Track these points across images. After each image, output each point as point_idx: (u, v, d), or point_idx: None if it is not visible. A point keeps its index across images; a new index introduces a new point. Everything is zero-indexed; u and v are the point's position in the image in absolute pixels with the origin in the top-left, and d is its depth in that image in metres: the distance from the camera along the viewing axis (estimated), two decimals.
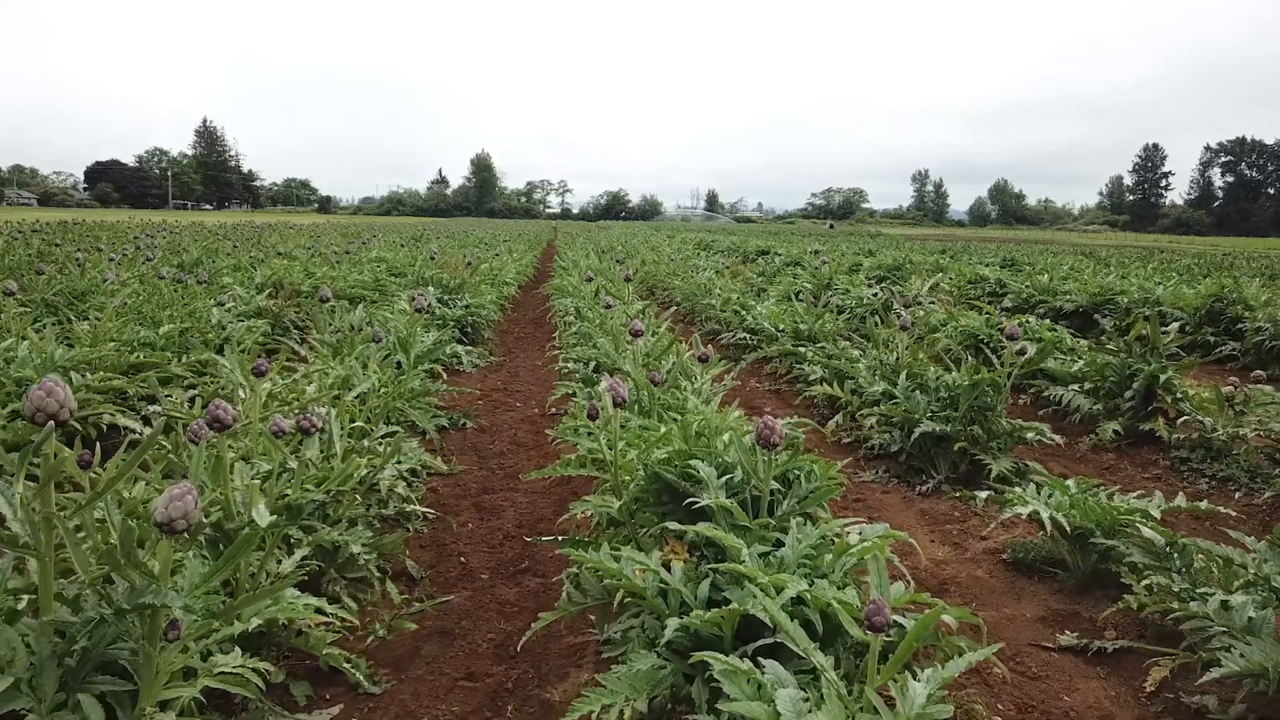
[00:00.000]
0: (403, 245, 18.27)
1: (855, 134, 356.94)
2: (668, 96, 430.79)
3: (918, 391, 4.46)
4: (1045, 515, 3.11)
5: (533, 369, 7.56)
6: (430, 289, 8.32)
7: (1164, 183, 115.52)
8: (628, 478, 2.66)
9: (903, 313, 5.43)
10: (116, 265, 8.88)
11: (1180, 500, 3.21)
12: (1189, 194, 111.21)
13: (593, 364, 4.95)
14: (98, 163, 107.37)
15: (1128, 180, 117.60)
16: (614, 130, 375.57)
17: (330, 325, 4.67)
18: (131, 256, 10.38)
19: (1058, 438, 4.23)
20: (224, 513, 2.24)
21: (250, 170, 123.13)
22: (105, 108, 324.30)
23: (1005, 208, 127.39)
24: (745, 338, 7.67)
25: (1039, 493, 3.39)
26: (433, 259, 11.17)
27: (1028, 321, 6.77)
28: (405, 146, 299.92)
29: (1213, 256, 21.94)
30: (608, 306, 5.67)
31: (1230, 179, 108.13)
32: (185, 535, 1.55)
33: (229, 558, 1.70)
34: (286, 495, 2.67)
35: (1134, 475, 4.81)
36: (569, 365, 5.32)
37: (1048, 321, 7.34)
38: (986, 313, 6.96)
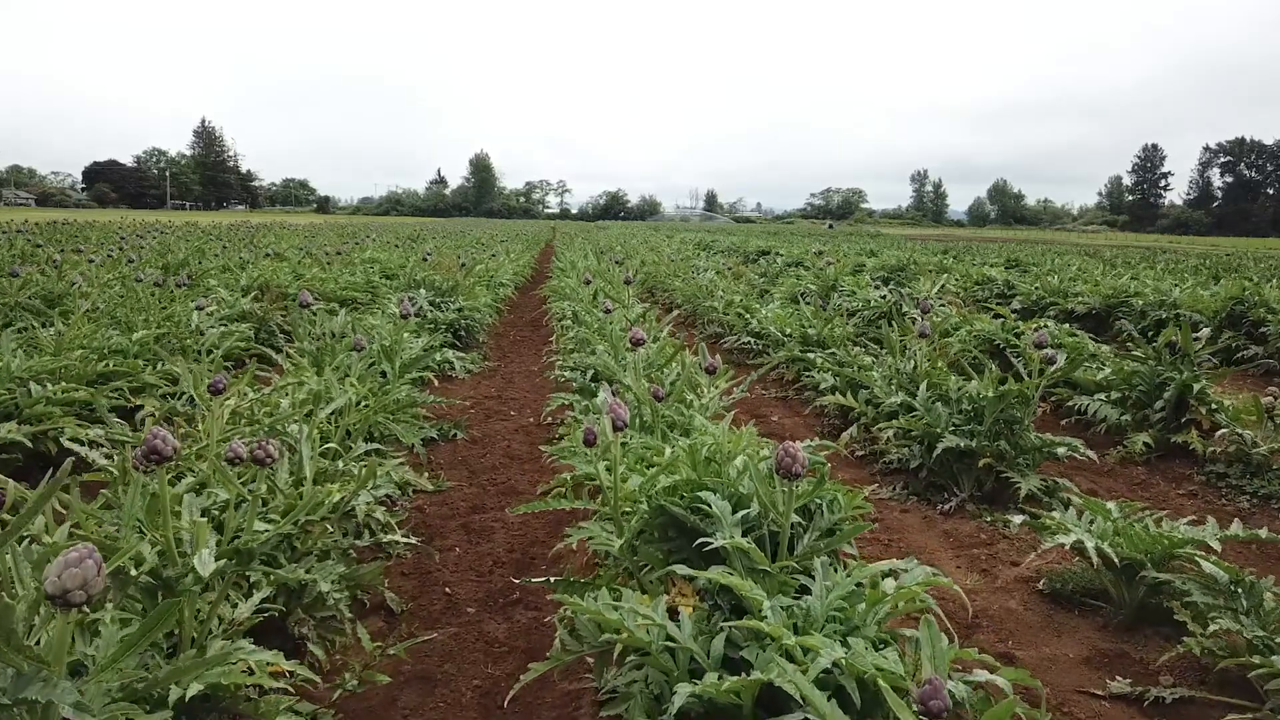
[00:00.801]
0: (397, 246, 17.97)
1: (855, 134, 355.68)
2: (668, 96, 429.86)
3: (939, 403, 4.16)
4: (1090, 545, 2.82)
5: (528, 374, 7.27)
6: (422, 291, 8.02)
7: (1163, 183, 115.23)
8: (629, 509, 2.36)
9: (919, 318, 5.13)
10: (97, 267, 8.57)
11: (1237, 528, 2.91)
12: (1188, 194, 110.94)
13: (591, 372, 4.65)
14: (96, 163, 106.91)
15: (1127, 180, 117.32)
16: (614, 130, 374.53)
17: (310, 332, 4.37)
18: (115, 258, 10.08)
19: (1092, 454, 3.94)
20: (163, 556, 1.94)
21: (249, 170, 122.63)
22: (105, 108, 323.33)
23: (1004, 208, 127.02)
24: (750, 342, 7.38)
25: (1079, 518, 3.09)
26: (426, 260, 10.87)
27: (1046, 325, 6.47)
28: (405, 146, 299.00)
29: (1219, 257, 21.65)
30: (607, 311, 5.38)
31: (1229, 179, 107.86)
32: (84, 610, 1.25)
33: (144, 631, 1.40)
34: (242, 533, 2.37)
35: (1167, 492, 4.52)
36: (565, 374, 5.02)
37: (1067, 326, 7.04)
38: (1001, 316, 6.67)
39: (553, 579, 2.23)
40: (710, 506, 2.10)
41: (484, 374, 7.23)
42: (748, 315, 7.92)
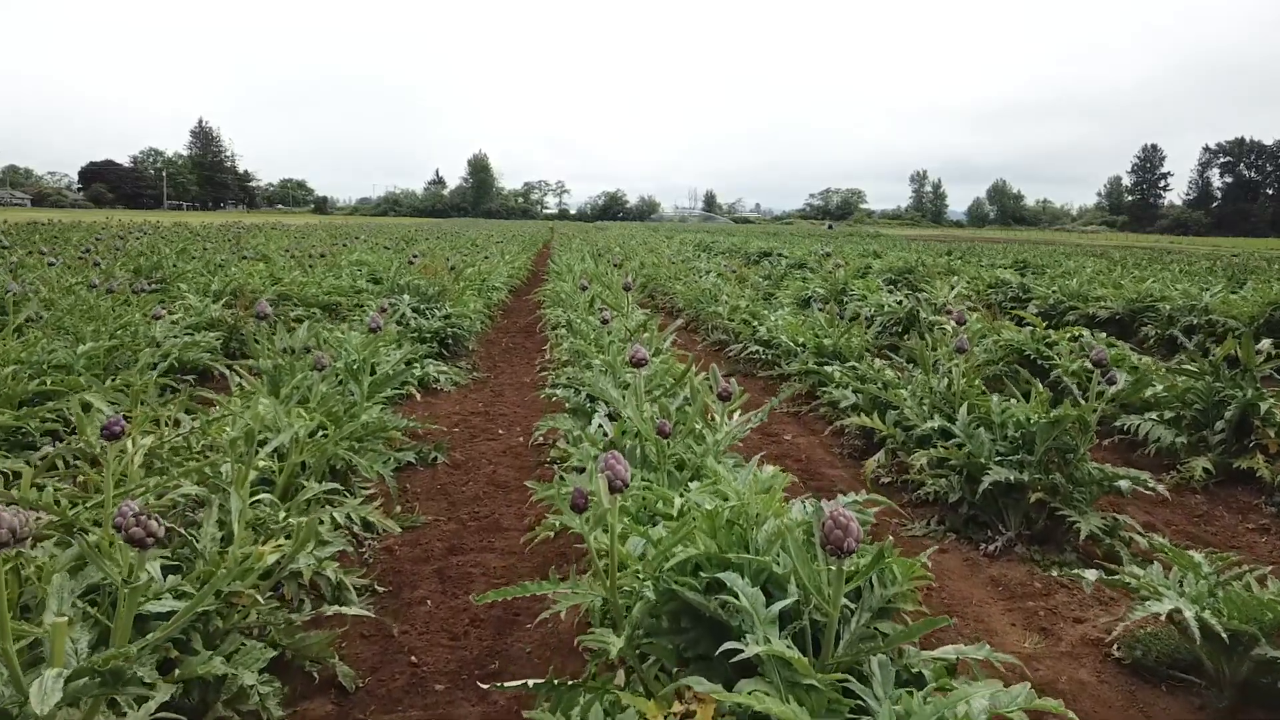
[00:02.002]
0: (388, 247, 17.46)
1: (855, 134, 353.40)
2: (668, 96, 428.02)
3: (981, 429, 3.66)
4: (1190, 615, 2.32)
5: (520, 386, 6.76)
6: (405, 297, 7.51)
7: (1163, 183, 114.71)
8: (629, 588, 1.86)
9: (952, 329, 4.63)
10: (59, 270, 8.05)
11: None
12: (1187, 194, 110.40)
13: (585, 392, 4.15)
14: (92, 163, 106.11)
15: (1126, 181, 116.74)
16: (613, 130, 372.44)
17: (268, 348, 3.87)
18: (86, 260, 9.56)
19: (1162, 488, 3.43)
20: (5, 676, 1.44)
21: (246, 171, 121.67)
22: (103, 108, 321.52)
23: (1004, 208, 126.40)
24: (758, 351, 6.87)
25: (1166, 575, 2.60)
26: (412, 263, 10.35)
27: (1081, 334, 5.97)
28: (404, 147, 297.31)
29: (1229, 258, 21.15)
30: (604, 321, 4.87)
31: (1229, 180, 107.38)
32: None
33: None
34: (152, 605, 1.88)
35: (1234, 525, 4.02)
36: (558, 392, 4.51)
37: (1104, 335, 6.55)
38: (1030, 324, 6.17)
39: (532, 683, 1.72)
40: (739, 597, 1.59)
41: (472, 386, 6.72)
42: (755, 322, 7.42)
